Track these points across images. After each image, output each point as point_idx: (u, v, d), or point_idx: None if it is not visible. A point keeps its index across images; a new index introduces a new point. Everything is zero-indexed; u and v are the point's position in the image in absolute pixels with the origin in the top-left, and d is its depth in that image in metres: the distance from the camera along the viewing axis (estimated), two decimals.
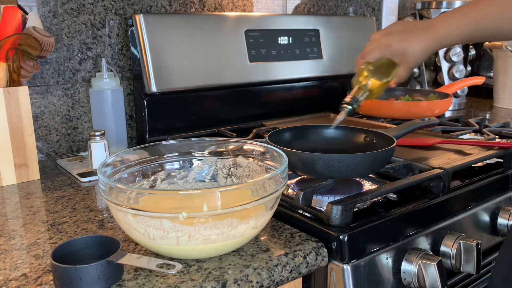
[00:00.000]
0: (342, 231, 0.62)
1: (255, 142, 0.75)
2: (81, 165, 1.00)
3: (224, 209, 0.54)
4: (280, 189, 0.59)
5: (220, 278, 0.54)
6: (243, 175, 0.73)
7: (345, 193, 0.76)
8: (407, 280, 0.67)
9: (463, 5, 0.78)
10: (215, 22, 1.19)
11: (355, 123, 1.22)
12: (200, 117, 1.19)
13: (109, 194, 0.57)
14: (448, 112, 1.49)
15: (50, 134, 1.08)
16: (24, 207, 0.78)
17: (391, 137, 0.80)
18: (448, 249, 0.72)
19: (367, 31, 1.52)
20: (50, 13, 1.04)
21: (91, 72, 1.11)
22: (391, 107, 1.29)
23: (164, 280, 0.54)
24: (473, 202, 0.81)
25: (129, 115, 1.17)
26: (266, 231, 0.66)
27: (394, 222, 0.68)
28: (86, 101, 1.11)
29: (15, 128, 0.88)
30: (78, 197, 0.82)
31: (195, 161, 0.76)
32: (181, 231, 0.54)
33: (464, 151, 0.91)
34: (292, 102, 1.37)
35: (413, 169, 0.84)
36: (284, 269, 0.58)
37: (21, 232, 0.68)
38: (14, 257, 0.60)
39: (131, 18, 1.09)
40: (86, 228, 0.69)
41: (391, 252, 0.66)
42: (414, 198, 0.75)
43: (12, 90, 0.87)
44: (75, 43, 1.08)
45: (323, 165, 0.71)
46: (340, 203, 0.65)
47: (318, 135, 0.90)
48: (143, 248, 0.62)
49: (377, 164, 0.75)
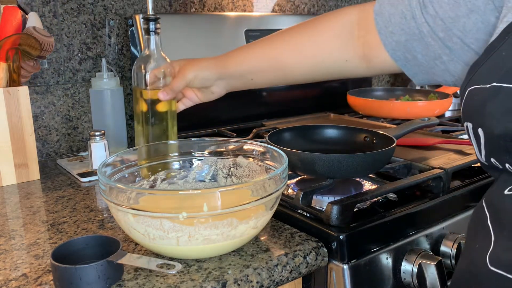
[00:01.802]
0: (342, 231, 0.62)
1: (255, 142, 0.75)
2: (81, 165, 1.00)
3: (224, 209, 0.54)
4: (280, 189, 0.59)
5: (220, 278, 0.54)
6: (243, 175, 0.73)
7: (345, 193, 0.76)
8: (407, 280, 0.67)
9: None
10: (215, 22, 1.19)
11: (355, 123, 1.22)
12: (200, 117, 1.19)
13: (109, 194, 0.57)
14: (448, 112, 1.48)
15: (50, 134, 1.08)
16: (24, 207, 0.78)
17: (391, 137, 0.80)
18: (448, 249, 0.72)
19: None
20: (50, 13, 1.04)
21: (91, 72, 1.11)
22: (391, 107, 1.30)
23: (164, 280, 0.54)
24: (473, 202, 0.81)
25: (129, 115, 1.17)
26: (266, 231, 0.66)
27: (394, 222, 0.68)
28: (86, 101, 1.11)
29: (15, 128, 0.88)
30: (78, 197, 0.82)
31: (195, 161, 0.76)
32: (181, 231, 0.54)
33: (464, 151, 0.91)
34: (292, 102, 1.37)
35: (413, 169, 0.84)
36: (284, 269, 0.58)
37: (21, 232, 0.68)
38: (14, 257, 0.60)
39: (131, 18, 1.09)
40: (86, 228, 0.69)
41: (391, 252, 0.66)
42: (414, 198, 0.75)
43: (12, 90, 0.87)
44: (75, 43, 1.08)
45: (323, 165, 0.71)
46: (340, 203, 0.65)
47: (318, 135, 0.90)
48: (143, 248, 0.62)
49: (377, 164, 0.75)
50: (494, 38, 0.52)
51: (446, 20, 0.62)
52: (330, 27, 0.75)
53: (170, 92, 0.79)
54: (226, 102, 0.89)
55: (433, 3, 0.63)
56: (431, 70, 0.67)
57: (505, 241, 0.48)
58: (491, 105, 0.47)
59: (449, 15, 0.61)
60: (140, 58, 0.83)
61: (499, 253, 0.48)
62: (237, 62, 0.81)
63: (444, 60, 0.64)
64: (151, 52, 0.83)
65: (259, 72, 0.81)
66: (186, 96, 0.87)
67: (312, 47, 0.76)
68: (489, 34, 0.59)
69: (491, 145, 0.48)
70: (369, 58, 0.72)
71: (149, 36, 0.83)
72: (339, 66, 0.76)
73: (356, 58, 0.74)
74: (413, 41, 0.65)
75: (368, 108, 1.33)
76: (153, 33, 0.83)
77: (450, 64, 0.64)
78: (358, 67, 0.75)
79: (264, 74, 0.81)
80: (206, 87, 0.83)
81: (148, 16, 0.82)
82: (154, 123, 0.83)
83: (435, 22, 0.62)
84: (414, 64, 0.68)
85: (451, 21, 0.61)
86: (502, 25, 0.52)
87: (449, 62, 0.64)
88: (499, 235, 0.48)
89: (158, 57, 0.83)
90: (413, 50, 0.66)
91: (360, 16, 0.72)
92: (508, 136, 0.45)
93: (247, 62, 0.81)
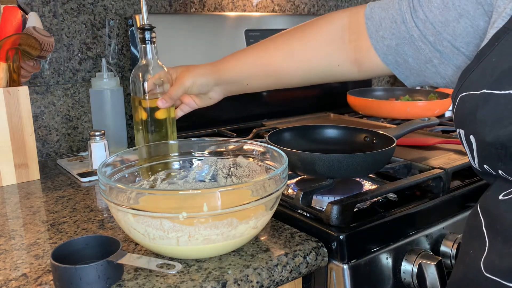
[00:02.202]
0: (342, 231, 0.62)
1: (255, 142, 0.75)
2: (81, 165, 1.00)
3: (224, 209, 0.54)
4: (280, 189, 0.59)
5: (220, 278, 0.54)
6: (243, 175, 0.73)
7: (345, 193, 0.76)
8: (407, 280, 0.67)
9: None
10: (215, 22, 1.19)
11: (355, 123, 1.22)
12: (200, 117, 1.18)
13: (109, 194, 0.57)
14: (448, 112, 1.48)
15: (50, 134, 1.08)
16: (24, 207, 0.78)
17: (391, 137, 0.80)
18: (448, 249, 0.72)
19: None
20: (50, 13, 1.04)
21: (91, 72, 1.11)
22: (391, 107, 1.30)
23: (164, 280, 0.54)
24: (473, 202, 0.81)
25: (129, 115, 1.17)
26: (266, 231, 0.66)
27: (394, 222, 0.68)
28: (86, 101, 1.11)
29: (15, 128, 0.88)
30: (78, 197, 0.82)
31: (195, 161, 0.76)
32: (181, 231, 0.54)
33: (464, 151, 0.91)
34: (292, 102, 1.37)
35: (413, 169, 0.84)
36: (284, 269, 0.58)
37: (21, 232, 0.68)
38: (14, 257, 0.60)
39: (131, 18, 1.09)
40: (86, 228, 0.69)
41: (391, 252, 0.66)
42: (414, 198, 0.75)
43: (12, 90, 0.87)
44: (75, 43, 1.08)
45: (323, 165, 0.71)
46: (340, 203, 0.65)
47: (318, 135, 0.90)
48: (143, 248, 0.62)
49: (377, 164, 0.75)
50: (485, 44, 0.51)
51: (436, 24, 0.62)
52: (322, 31, 0.75)
53: (168, 99, 0.80)
54: (226, 102, 0.89)
55: (423, 8, 0.63)
56: (422, 73, 0.67)
57: (500, 247, 0.47)
58: (482, 112, 0.47)
59: (439, 19, 0.61)
60: (137, 67, 0.84)
61: (494, 259, 0.47)
62: (232, 68, 0.82)
63: (435, 64, 0.64)
64: (148, 61, 0.84)
65: (253, 77, 0.81)
66: (184, 103, 0.87)
67: (304, 51, 0.76)
68: (479, 38, 0.59)
69: (484, 152, 0.48)
70: (360, 62, 0.73)
71: (145, 45, 0.83)
72: (331, 70, 0.76)
73: (347, 62, 0.74)
74: (404, 45, 0.66)
75: (368, 108, 1.33)
76: (149, 42, 0.84)
77: (441, 67, 0.64)
78: (350, 71, 0.75)
79: (259, 80, 0.82)
80: (204, 93, 0.84)
81: (144, 25, 0.82)
82: (154, 130, 0.84)
83: (425, 26, 0.63)
84: (405, 68, 0.68)
85: (441, 25, 0.61)
86: (492, 31, 0.52)
87: (440, 65, 0.64)
88: (493, 241, 0.48)
89: (155, 65, 0.84)
90: (404, 54, 0.66)
91: (351, 20, 0.72)
92: (499, 143, 0.45)
93: (241, 68, 0.81)
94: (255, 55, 0.81)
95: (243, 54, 0.82)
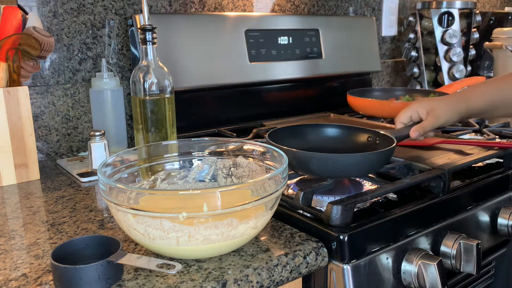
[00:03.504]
0: (342, 231, 0.62)
1: (255, 142, 0.75)
2: (81, 165, 1.00)
3: (224, 209, 0.54)
4: (280, 189, 0.59)
5: (220, 278, 0.54)
6: (243, 175, 0.73)
7: (345, 193, 0.76)
8: (407, 280, 0.67)
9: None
10: (215, 22, 1.19)
11: (356, 123, 1.22)
12: (200, 117, 1.19)
13: (109, 194, 0.57)
14: None
15: (50, 134, 1.08)
16: (24, 207, 0.78)
17: (391, 137, 0.80)
18: (448, 249, 0.72)
19: (367, 31, 1.52)
20: (50, 13, 1.04)
21: (91, 72, 1.11)
22: (391, 107, 1.29)
23: (164, 280, 0.54)
24: (473, 202, 0.81)
25: (129, 115, 1.17)
26: (266, 231, 0.66)
27: (394, 222, 0.68)
28: (86, 101, 1.11)
29: (15, 128, 0.88)
30: (78, 197, 0.82)
31: (195, 161, 0.76)
32: (181, 231, 0.54)
33: (464, 151, 0.91)
34: (292, 102, 1.37)
35: (413, 169, 0.84)
36: (284, 269, 0.58)
37: (21, 232, 0.68)
38: (14, 257, 0.60)
39: (131, 18, 1.09)
40: (86, 228, 0.69)
41: (391, 252, 0.66)
42: (414, 198, 0.75)
43: (12, 90, 0.87)
44: (75, 43, 1.08)
45: (318, 164, 0.71)
46: (340, 203, 0.65)
47: (319, 134, 0.90)
48: (143, 248, 0.62)
49: (377, 164, 0.75)
50: None
51: None
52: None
53: (422, 131, 0.85)
54: (226, 102, 0.89)
55: None
56: None
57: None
58: None
59: None
60: (137, 68, 0.84)
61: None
62: (478, 101, 0.87)
63: None
64: (149, 62, 0.84)
65: (499, 108, 0.88)
66: None
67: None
68: None
69: None
70: None
71: (146, 46, 0.83)
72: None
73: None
74: None
75: (368, 108, 1.33)
76: (150, 43, 0.84)
77: None
78: None
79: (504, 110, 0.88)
80: None
81: (145, 26, 0.82)
82: (154, 131, 0.84)
83: None
84: None
85: None
86: None
87: None
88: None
89: (156, 66, 0.84)
90: None
91: None
92: None
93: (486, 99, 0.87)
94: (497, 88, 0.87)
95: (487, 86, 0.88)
